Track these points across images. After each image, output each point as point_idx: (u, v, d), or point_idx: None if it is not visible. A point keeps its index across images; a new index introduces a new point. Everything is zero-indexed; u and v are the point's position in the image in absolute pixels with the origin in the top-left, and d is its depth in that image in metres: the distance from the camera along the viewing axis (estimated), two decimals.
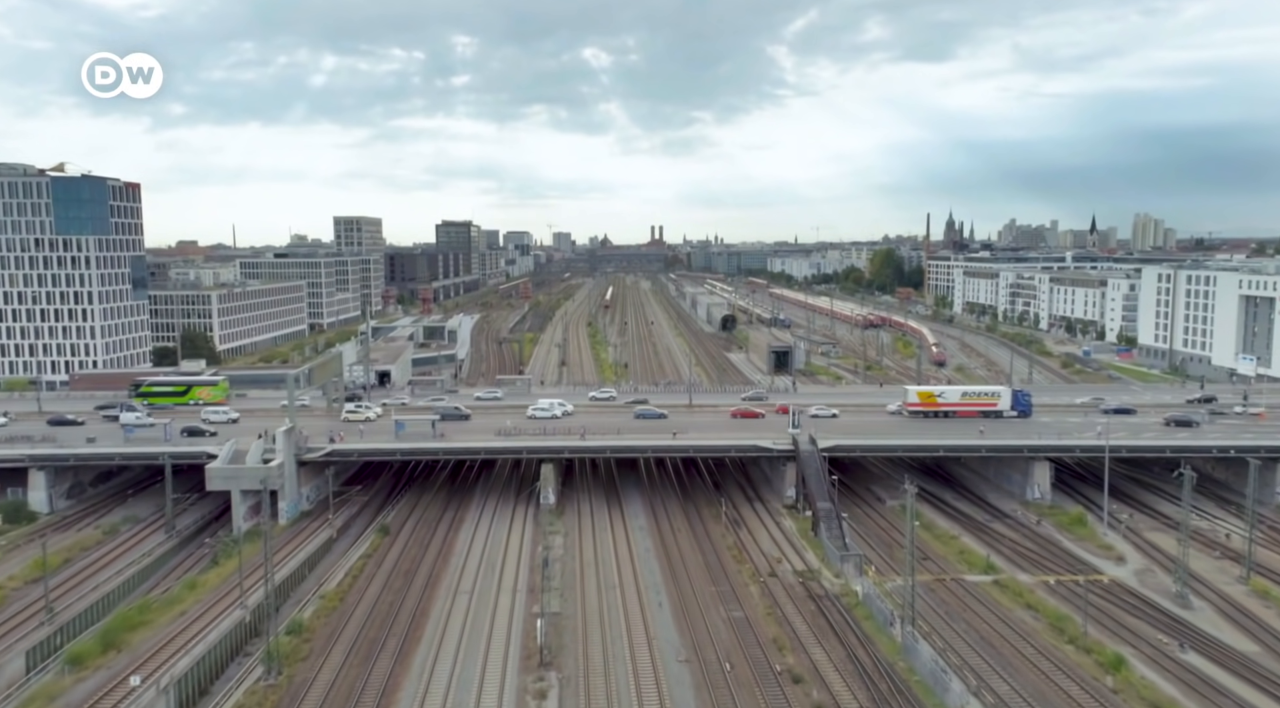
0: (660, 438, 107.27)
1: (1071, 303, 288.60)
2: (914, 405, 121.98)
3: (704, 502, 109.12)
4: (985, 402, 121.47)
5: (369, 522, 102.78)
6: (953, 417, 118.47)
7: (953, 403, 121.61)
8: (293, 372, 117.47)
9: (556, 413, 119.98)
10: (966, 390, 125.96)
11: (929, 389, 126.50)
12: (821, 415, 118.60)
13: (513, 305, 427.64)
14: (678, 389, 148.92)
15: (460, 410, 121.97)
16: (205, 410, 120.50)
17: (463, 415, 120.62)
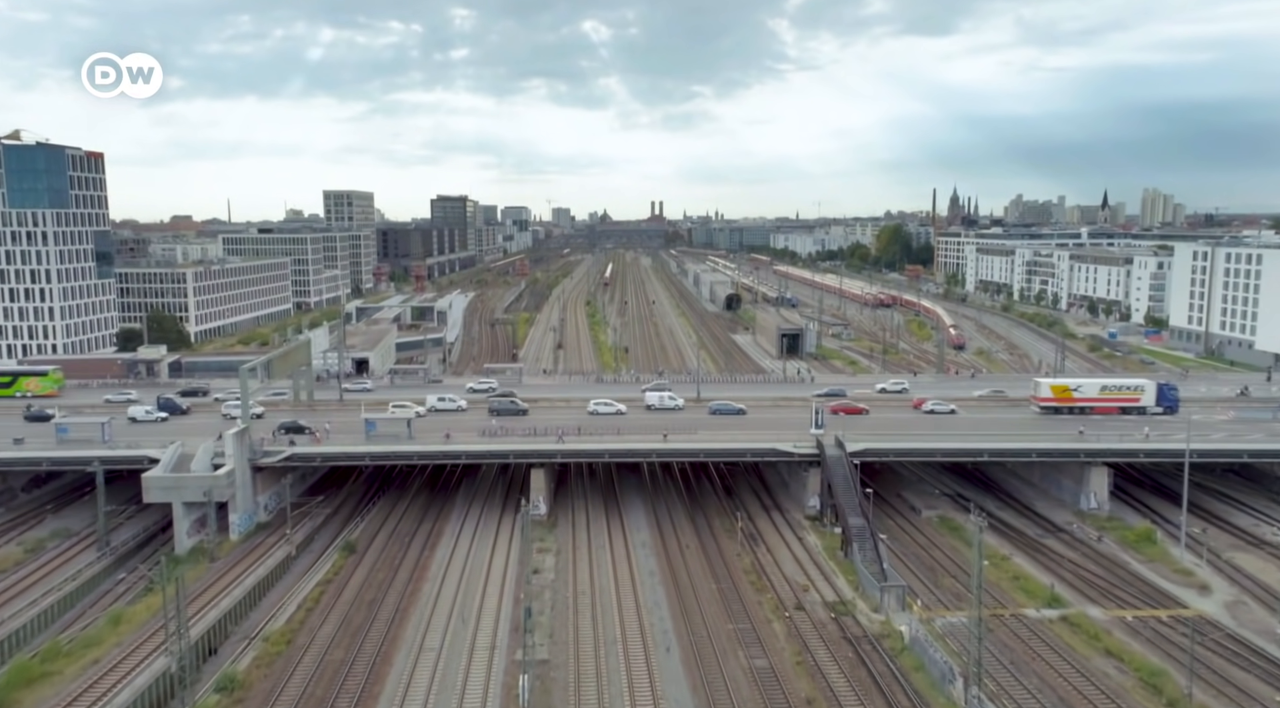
0: (665, 441, 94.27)
1: (1093, 282, 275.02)
2: (1045, 400, 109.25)
3: (715, 511, 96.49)
4: (1126, 396, 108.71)
5: (334, 536, 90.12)
6: (1089, 413, 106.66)
7: (1090, 398, 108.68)
8: (252, 361, 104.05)
9: (622, 408, 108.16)
10: (1106, 384, 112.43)
11: (1063, 383, 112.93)
12: (939, 411, 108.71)
13: (509, 283, 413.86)
14: (684, 380, 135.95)
15: (517, 404, 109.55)
16: (226, 405, 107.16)
17: (519, 410, 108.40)
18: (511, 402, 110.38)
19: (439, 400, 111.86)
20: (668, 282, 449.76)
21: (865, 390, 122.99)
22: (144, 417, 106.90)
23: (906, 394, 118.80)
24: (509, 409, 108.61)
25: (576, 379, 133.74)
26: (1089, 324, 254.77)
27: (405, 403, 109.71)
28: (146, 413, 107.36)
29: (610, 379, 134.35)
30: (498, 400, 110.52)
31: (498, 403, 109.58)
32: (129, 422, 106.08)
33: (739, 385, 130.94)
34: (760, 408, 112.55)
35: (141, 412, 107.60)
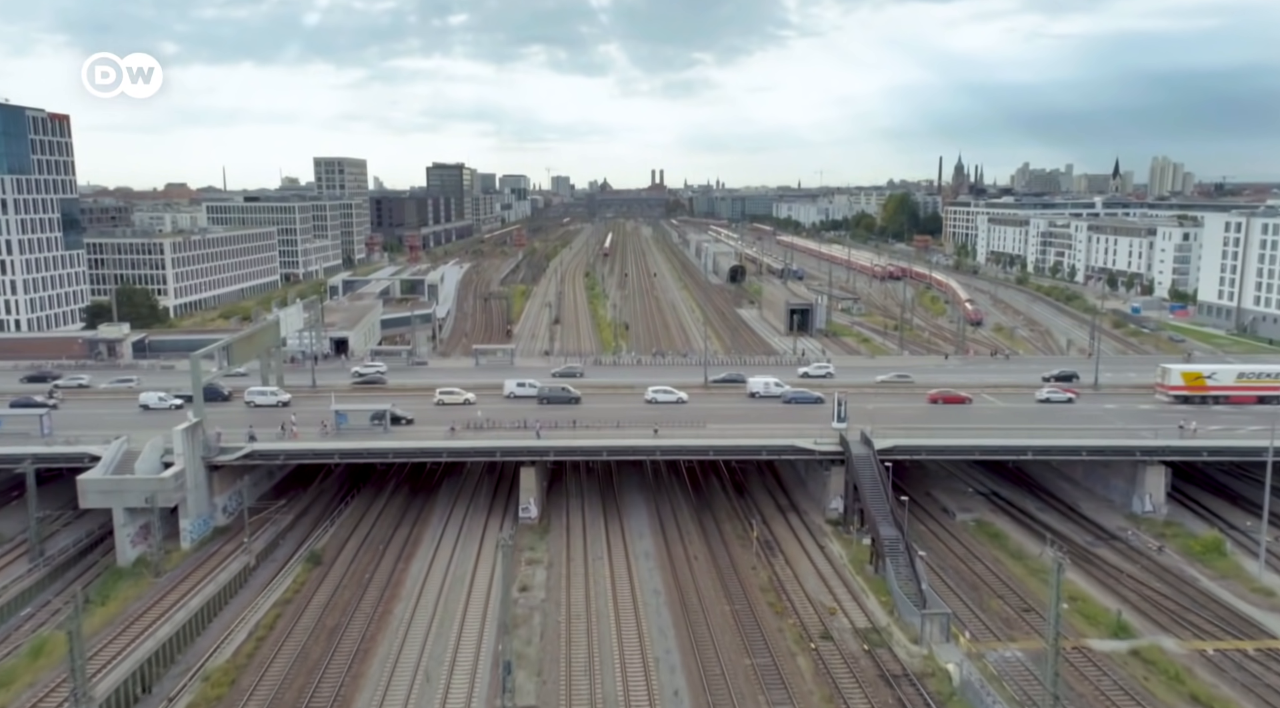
0: (671, 437, 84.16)
1: (1113, 253, 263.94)
2: (1175, 388, 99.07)
3: (725, 514, 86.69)
4: (1268, 384, 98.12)
5: (301, 542, 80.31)
6: (1223, 403, 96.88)
7: (1226, 386, 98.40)
8: (209, 345, 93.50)
9: (683, 397, 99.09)
10: (1243, 371, 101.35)
11: (1195, 369, 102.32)
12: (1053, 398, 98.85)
13: (506, 253, 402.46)
14: (691, 361, 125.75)
15: (569, 392, 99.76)
16: (249, 392, 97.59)
17: (571, 398, 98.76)
18: (564, 388, 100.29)
19: (519, 387, 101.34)
20: (669, 252, 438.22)
21: (854, 379, 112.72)
22: (157, 403, 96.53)
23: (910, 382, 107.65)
24: (560, 397, 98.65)
25: (574, 362, 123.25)
26: (1109, 298, 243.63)
27: (454, 389, 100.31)
28: (160, 399, 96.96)
29: (610, 361, 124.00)
30: (549, 388, 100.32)
31: (549, 391, 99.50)
32: (140, 409, 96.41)
33: (750, 370, 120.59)
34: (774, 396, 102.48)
35: (154, 398, 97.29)
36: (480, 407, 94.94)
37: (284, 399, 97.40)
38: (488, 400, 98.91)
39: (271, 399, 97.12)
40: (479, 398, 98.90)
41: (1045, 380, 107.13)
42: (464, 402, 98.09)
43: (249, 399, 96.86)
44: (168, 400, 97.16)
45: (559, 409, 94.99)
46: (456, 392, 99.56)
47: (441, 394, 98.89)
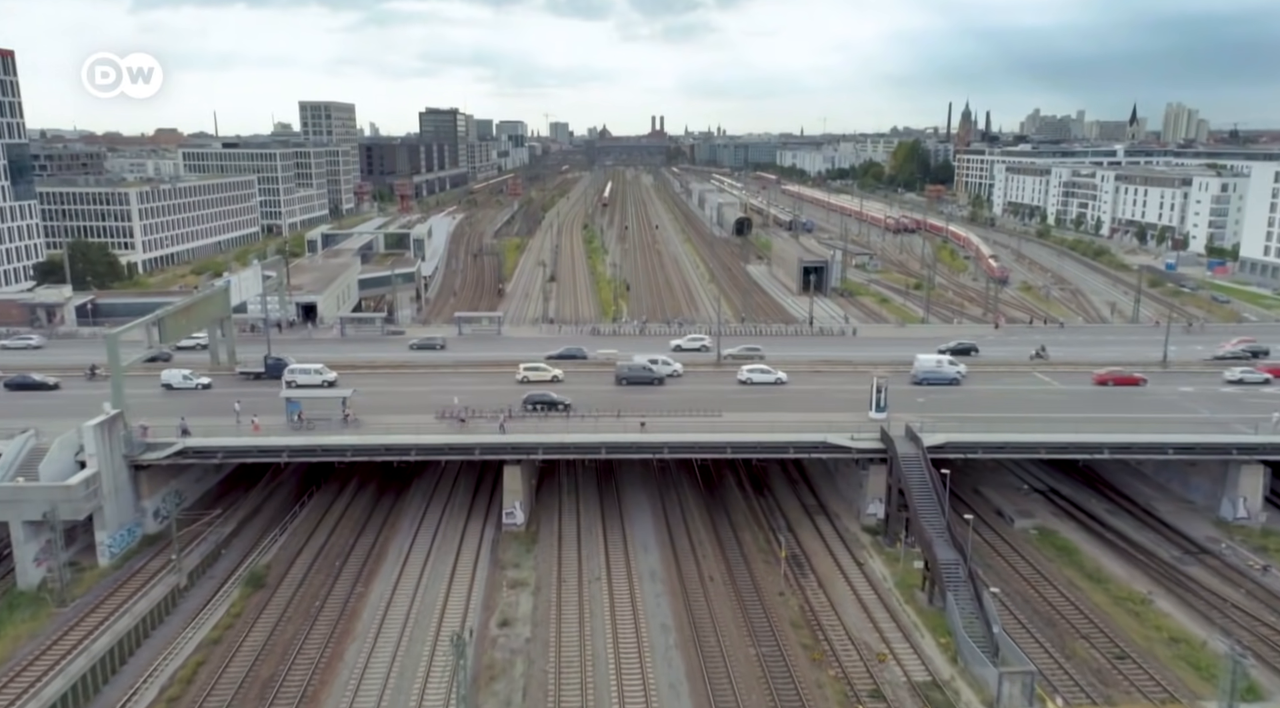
0: (680, 432, 71.10)
1: (1142, 205, 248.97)
2: None
3: (743, 519, 74.19)
4: None
5: (243, 556, 67.88)
6: None
7: None
8: (138, 321, 79.72)
9: (782, 377, 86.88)
10: None
11: None
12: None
13: (501, 203, 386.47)
14: (701, 329, 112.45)
15: (652, 370, 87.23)
16: (291, 370, 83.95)
17: (656, 377, 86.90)
18: (645, 367, 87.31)
19: (651, 363, 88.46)
20: (671, 203, 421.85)
21: (891, 352, 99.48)
22: (182, 383, 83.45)
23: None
24: (641, 378, 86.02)
25: (567, 332, 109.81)
26: (1137, 253, 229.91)
27: (539, 364, 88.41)
28: (185, 378, 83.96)
29: (609, 331, 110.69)
30: (628, 367, 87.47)
31: (628, 371, 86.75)
32: (163, 389, 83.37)
33: (766, 342, 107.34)
34: (797, 375, 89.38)
35: (179, 377, 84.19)
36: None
37: (329, 378, 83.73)
38: (483, 380, 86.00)
39: (316, 379, 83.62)
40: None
41: (941, 353, 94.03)
42: (551, 378, 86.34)
43: (289, 378, 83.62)
44: (194, 379, 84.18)
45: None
46: (542, 367, 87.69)
47: (526, 371, 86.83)
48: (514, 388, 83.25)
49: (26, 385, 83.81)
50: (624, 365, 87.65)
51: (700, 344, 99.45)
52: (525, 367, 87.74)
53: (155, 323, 75.60)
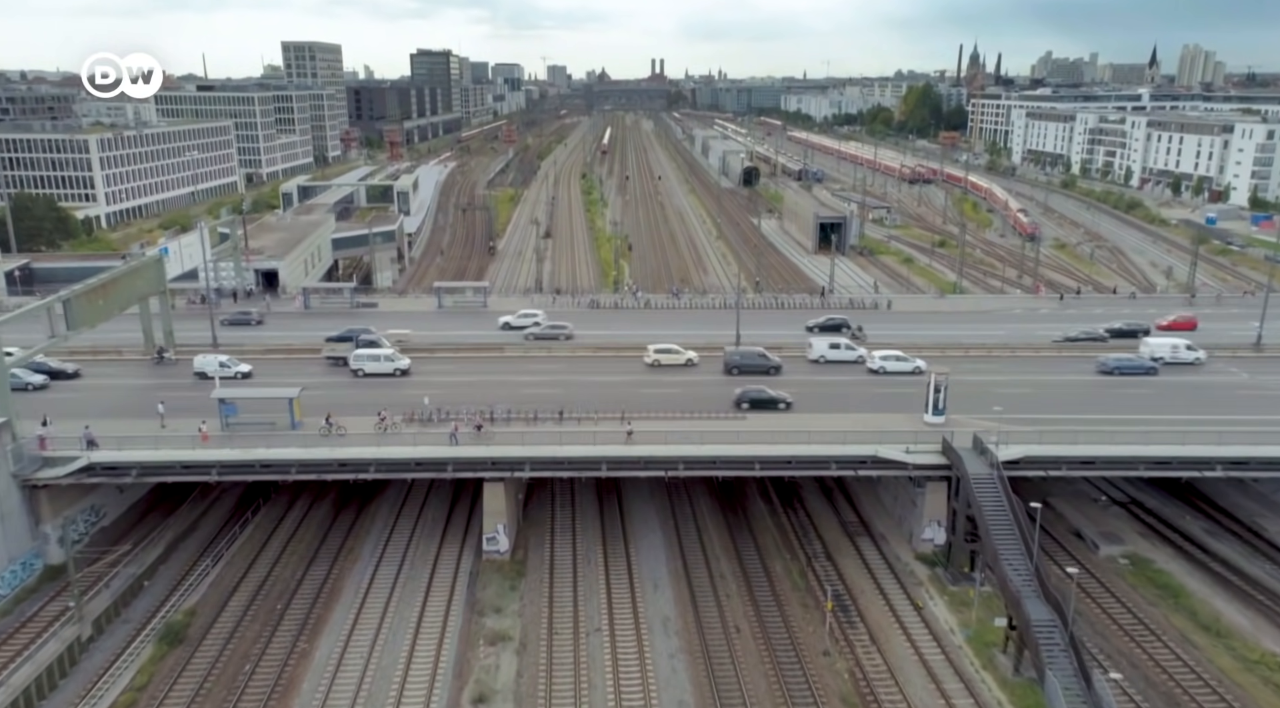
0: (698, 443, 58.17)
1: (1176, 153, 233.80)
2: None
3: (773, 545, 61.85)
4: None
5: (164, 598, 55.62)
6: None
7: None
8: (47, 299, 66.27)
9: (920, 364, 73.15)
10: None
11: None
12: None
13: (496, 150, 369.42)
14: (713, 302, 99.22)
15: (769, 358, 74.54)
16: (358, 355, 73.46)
17: (770, 365, 74.05)
18: (761, 354, 74.51)
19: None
20: (673, 150, 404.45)
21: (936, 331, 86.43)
22: (217, 370, 69.94)
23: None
24: (756, 365, 73.41)
25: (562, 305, 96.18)
26: (1172, 205, 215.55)
27: (672, 346, 76.18)
28: (223, 366, 70.69)
29: (609, 304, 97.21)
30: (740, 354, 74.76)
31: (740, 358, 73.96)
32: (195, 378, 70.63)
33: (789, 315, 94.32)
34: (821, 364, 76.54)
35: (214, 363, 70.80)
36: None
37: (402, 367, 72.51)
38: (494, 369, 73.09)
39: (387, 367, 72.23)
40: None
41: (809, 330, 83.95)
42: (686, 362, 75.19)
43: (356, 367, 72.62)
44: (233, 366, 71.32)
45: (539, 385, 69.59)
46: (676, 349, 75.44)
47: (657, 354, 75.10)
48: (498, 382, 70.61)
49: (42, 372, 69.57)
50: (735, 353, 74.70)
51: None
52: (656, 349, 75.57)
53: (61, 304, 62.27)
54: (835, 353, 76.73)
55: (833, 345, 77.46)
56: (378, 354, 73.27)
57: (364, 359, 72.72)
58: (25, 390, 65.50)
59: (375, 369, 72.10)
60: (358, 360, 72.75)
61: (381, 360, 72.72)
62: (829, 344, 77.62)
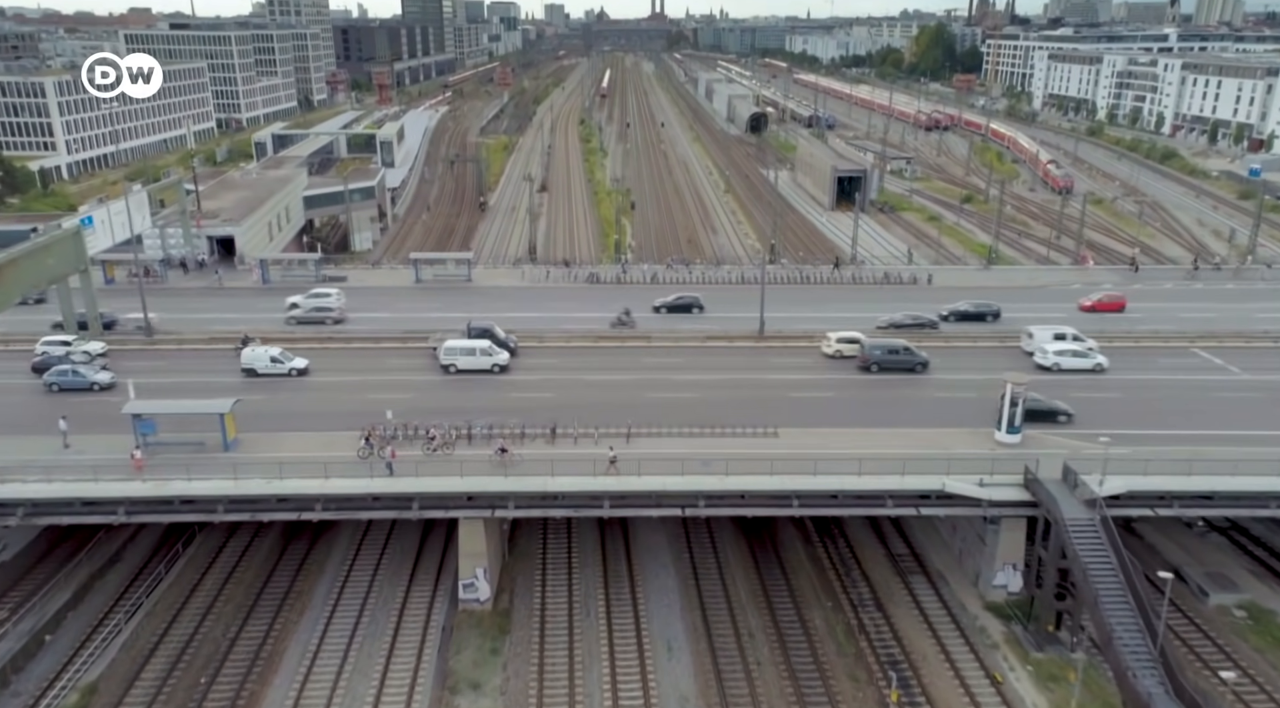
0: (720, 475, 47.04)
1: (1213, 99, 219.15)
2: None
3: (809, 589, 51.16)
4: None
5: (61, 665, 45.06)
6: None
7: None
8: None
9: (1102, 361, 63.05)
10: None
11: None
12: None
13: (490, 94, 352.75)
14: (729, 276, 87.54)
15: (913, 353, 63.29)
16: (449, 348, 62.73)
17: (915, 362, 62.94)
18: (906, 348, 63.06)
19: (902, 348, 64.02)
20: (675, 94, 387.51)
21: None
22: (269, 368, 60.48)
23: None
24: (901, 362, 62.36)
25: (555, 279, 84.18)
26: (1208, 155, 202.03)
27: (852, 335, 65.30)
28: (276, 361, 60.82)
29: (610, 278, 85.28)
30: (881, 348, 63.13)
31: (882, 354, 62.47)
32: (243, 375, 60.52)
33: (811, 295, 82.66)
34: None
35: (265, 358, 60.86)
36: None
37: (500, 361, 61.84)
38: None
39: (484, 362, 61.50)
40: None
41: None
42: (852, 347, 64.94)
43: (448, 362, 61.82)
44: (287, 362, 60.87)
45: (517, 393, 58.46)
46: (857, 338, 64.47)
47: (840, 343, 64.42)
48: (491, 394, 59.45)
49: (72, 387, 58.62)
50: (874, 345, 63.08)
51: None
52: (838, 338, 64.56)
53: None
54: (1069, 358, 62.35)
55: (1058, 343, 63.39)
56: (473, 347, 61.49)
57: (457, 353, 61.18)
58: None
59: (469, 365, 61.02)
60: (450, 355, 61.27)
61: (478, 355, 61.16)
62: (1055, 345, 63.13)
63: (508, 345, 63.67)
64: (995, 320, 72.31)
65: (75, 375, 58.44)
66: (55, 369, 58.95)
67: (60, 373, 58.68)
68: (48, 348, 62.01)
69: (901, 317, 70.49)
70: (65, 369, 58.86)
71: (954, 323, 71.69)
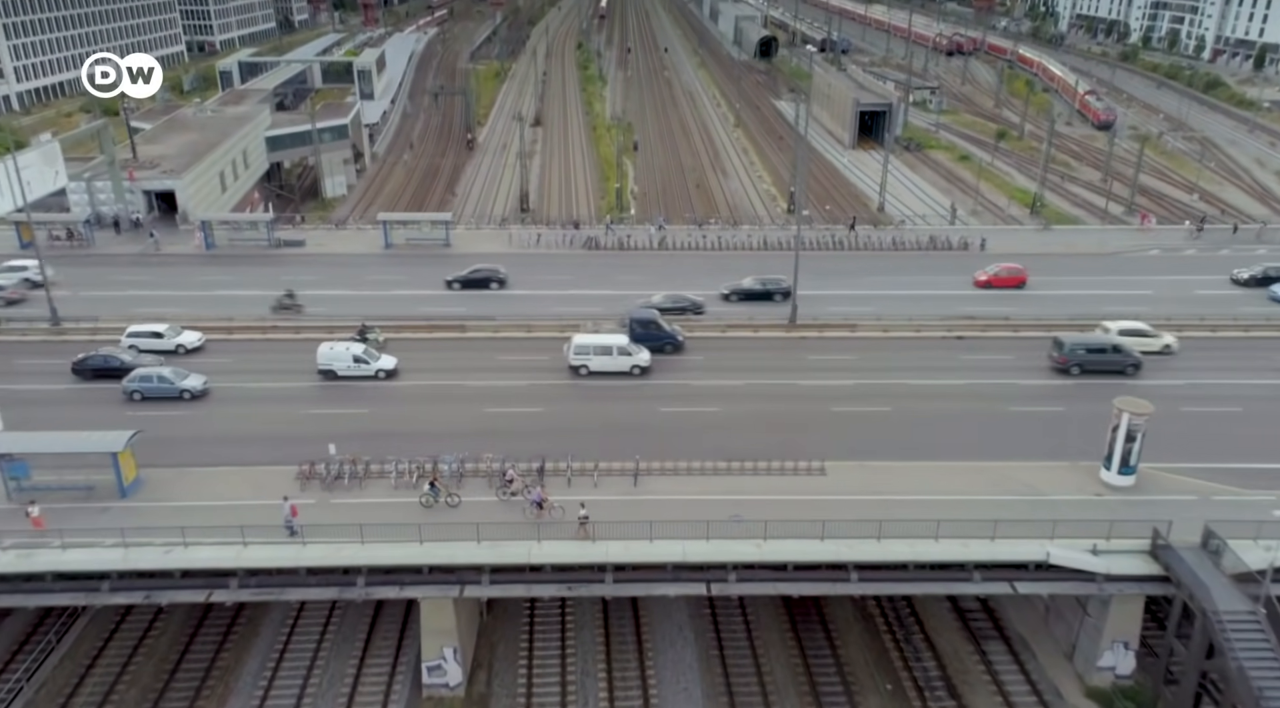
0: (760, 539, 36.38)
1: (1260, 20, 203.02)
2: None
3: (861, 668, 40.88)
4: None
5: None
6: None
7: None
8: None
9: None
10: None
11: None
12: None
13: (483, 14, 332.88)
14: (749, 239, 75.69)
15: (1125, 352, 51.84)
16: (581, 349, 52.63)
17: (1128, 363, 51.50)
18: (1115, 346, 51.70)
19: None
20: (678, 14, 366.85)
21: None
22: (351, 369, 50.24)
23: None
24: (1110, 364, 51.37)
25: (549, 244, 72.13)
26: (1255, 83, 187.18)
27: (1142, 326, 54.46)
28: (359, 362, 50.46)
29: (613, 243, 73.14)
30: (1086, 345, 51.95)
31: (1087, 353, 51.39)
32: (320, 378, 50.23)
33: (835, 263, 70.90)
34: (906, 346, 54.32)
35: (345, 357, 50.44)
36: None
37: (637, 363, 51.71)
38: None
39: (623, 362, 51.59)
40: None
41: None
42: (1161, 348, 53.37)
43: (578, 363, 51.73)
44: (374, 361, 50.47)
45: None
46: (1148, 331, 53.79)
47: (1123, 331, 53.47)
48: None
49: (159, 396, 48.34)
50: (1077, 343, 51.55)
51: None
52: (1119, 328, 53.24)
53: None
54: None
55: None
56: (609, 345, 51.00)
57: (590, 352, 50.71)
58: None
59: (607, 367, 50.71)
60: (581, 354, 50.58)
61: (615, 355, 50.70)
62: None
63: (675, 339, 53.12)
64: (784, 301, 59.86)
65: (161, 382, 48.04)
66: (138, 374, 48.40)
67: (144, 378, 48.12)
68: (134, 339, 52.56)
69: (661, 298, 59.33)
70: (149, 374, 48.33)
71: (737, 303, 60.67)
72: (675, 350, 53.29)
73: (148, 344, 52.61)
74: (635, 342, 51.86)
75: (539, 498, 37.37)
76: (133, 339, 52.74)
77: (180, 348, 53.06)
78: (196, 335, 54.11)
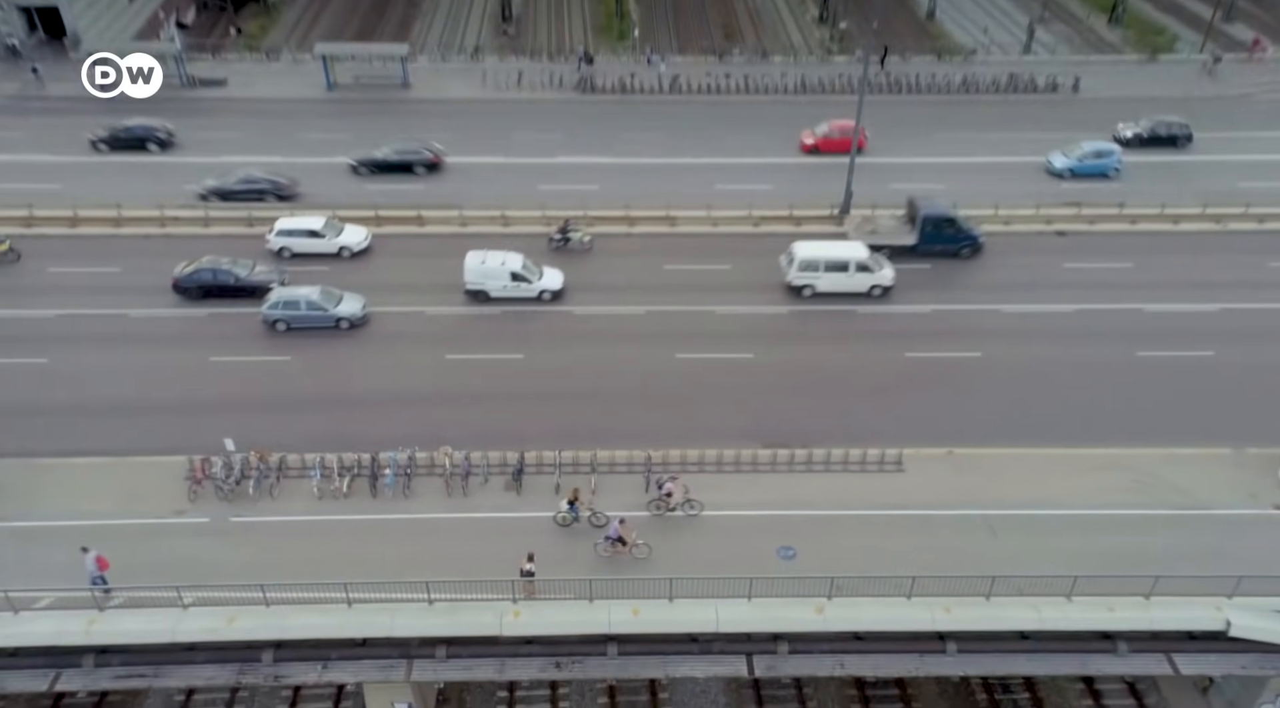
0: (814, 599, 25.82)
1: None
2: None
3: None
4: None
5: None
6: None
7: None
8: None
9: None
10: None
11: None
12: None
13: None
14: (782, 78, 60.63)
15: None
16: None
17: None
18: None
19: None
20: None
21: None
22: (508, 289, 38.35)
23: None
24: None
25: (532, 85, 56.92)
26: None
27: None
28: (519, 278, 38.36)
29: (612, 85, 57.42)
30: None
31: None
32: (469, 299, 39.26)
33: (907, 109, 56.32)
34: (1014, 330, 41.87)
35: (502, 274, 38.17)
36: None
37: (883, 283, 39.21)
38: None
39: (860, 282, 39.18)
40: None
41: None
42: None
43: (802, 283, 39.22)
44: (537, 279, 38.61)
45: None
46: None
47: None
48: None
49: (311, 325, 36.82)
50: None
51: None
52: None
53: None
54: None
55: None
56: (845, 259, 38.64)
57: (820, 268, 38.59)
58: None
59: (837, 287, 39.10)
60: (806, 271, 38.62)
61: (852, 271, 38.87)
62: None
63: (975, 238, 41.25)
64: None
65: (311, 308, 36.43)
66: (281, 298, 36.67)
67: (289, 304, 36.46)
68: (286, 240, 40.72)
69: (388, 151, 48.06)
70: (296, 299, 36.53)
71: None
72: (974, 254, 41.06)
73: (302, 246, 40.30)
74: (925, 244, 39.76)
75: (615, 533, 26.55)
76: (284, 239, 40.44)
77: (344, 251, 40.66)
78: (363, 233, 41.45)
